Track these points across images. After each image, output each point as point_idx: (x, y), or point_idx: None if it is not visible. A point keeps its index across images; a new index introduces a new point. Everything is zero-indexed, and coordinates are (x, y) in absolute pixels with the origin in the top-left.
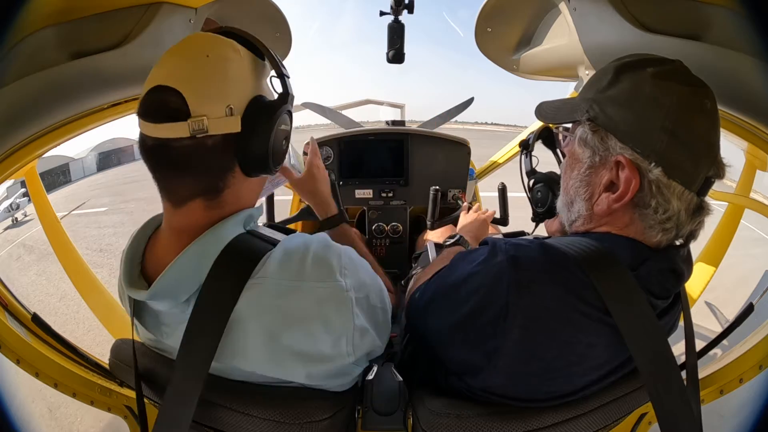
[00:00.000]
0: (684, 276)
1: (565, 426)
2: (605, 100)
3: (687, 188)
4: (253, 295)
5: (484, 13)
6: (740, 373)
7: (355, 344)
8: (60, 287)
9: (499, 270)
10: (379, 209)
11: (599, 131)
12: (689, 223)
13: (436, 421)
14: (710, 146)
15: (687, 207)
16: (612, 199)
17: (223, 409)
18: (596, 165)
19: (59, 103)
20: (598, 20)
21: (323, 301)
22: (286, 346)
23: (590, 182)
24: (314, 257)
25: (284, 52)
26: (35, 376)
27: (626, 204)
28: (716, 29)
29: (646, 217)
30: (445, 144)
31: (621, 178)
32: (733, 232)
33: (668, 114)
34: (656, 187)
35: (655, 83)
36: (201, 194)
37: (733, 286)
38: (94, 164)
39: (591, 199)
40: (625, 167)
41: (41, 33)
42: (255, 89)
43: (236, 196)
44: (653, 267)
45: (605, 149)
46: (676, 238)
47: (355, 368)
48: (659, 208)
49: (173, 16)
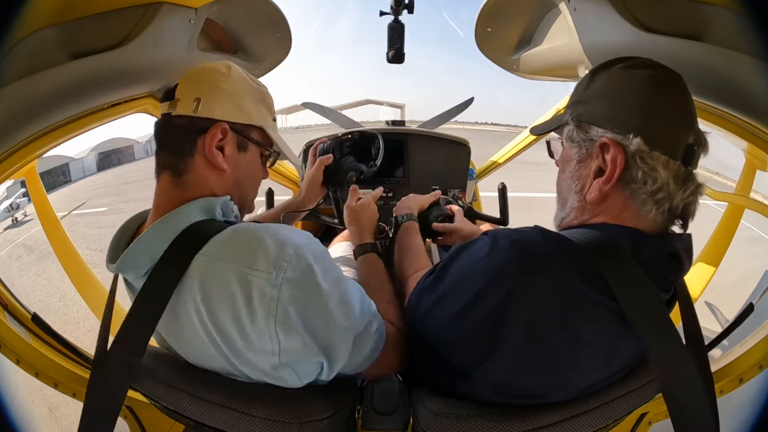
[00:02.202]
0: (683, 263)
1: (565, 425)
2: (584, 99)
3: (671, 157)
4: (195, 272)
5: (484, 13)
6: (740, 373)
7: (283, 347)
8: (60, 287)
9: (503, 255)
10: (379, 209)
11: (582, 125)
12: (680, 192)
13: (435, 421)
14: (686, 116)
15: (675, 175)
16: (602, 182)
17: (222, 409)
18: (584, 157)
19: (59, 103)
20: (598, 20)
21: (250, 287)
22: (213, 327)
23: (581, 175)
24: (257, 242)
25: (284, 52)
26: (35, 376)
27: (615, 184)
28: (716, 29)
29: (636, 193)
30: (445, 144)
31: (608, 160)
32: (733, 232)
33: (641, 93)
34: (640, 158)
35: (625, 73)
36: (168, 168)
37: (733, 286)
38: (94, 164)
39: (582, 190)
40: (610, 147)
41: (41, 33)
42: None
43: (198, 183)
44: (652, 251)
45: (589, 139)
46: (671, 216)
47: (291, 374)
48: (647, 179)
49: (173, 16)
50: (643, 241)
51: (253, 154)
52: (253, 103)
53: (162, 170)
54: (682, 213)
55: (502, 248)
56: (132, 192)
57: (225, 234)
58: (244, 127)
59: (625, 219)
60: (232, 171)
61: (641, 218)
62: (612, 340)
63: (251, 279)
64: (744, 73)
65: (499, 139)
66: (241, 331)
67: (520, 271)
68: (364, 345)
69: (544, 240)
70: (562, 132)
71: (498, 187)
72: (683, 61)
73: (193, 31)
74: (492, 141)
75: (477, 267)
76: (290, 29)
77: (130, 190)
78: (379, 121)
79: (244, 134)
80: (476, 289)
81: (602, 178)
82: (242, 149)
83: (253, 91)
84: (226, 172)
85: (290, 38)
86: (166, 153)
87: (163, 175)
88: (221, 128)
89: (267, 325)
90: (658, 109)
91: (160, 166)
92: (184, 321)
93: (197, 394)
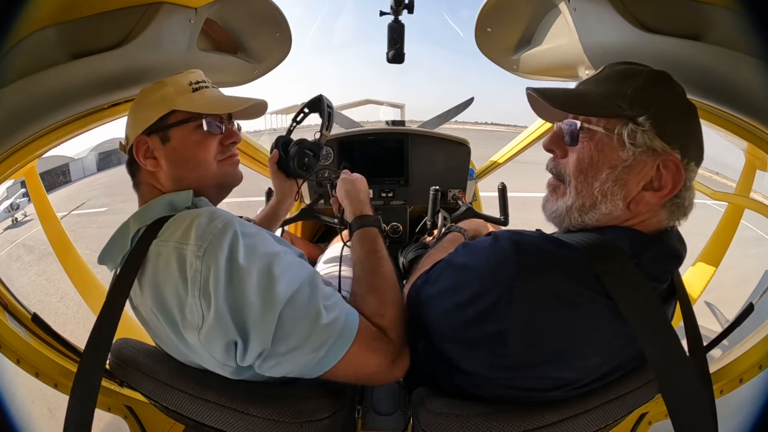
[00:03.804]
0: (683, 257)
1: (565, 424)
2: (651, 103)
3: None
4: (151, 259)
5: (484, 13)
6: (740, 373)
7: (205, 321)
8: (60, 287)
9: (503, 254)
10: (379, 209)
11: (648, 130)
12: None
13: (435, 420)
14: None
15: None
16: (656, 196)
17: (222, 409)
18: (634, 164)
19: (59, 103)
20: (598, 20)
21: (184, 261)
22: (162, 307)
23: (627, 181)
24: (193, 219)
25: (284, 52)
26: (35, 376)
27: (670, 196)
28: (716, 29)
29: (674, 206)
30: (445, 144)
31: (666, 178)
32: (733, 232)
33: (694, 117)
34: (689, 179)
35: (683, 95)
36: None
37: (733, 286)
38: (94, 164)
39: (626, 198)
40: (673, 167)
41: (41, 33)
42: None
43: (148, 189)
44: (655, 254)
45: (652, 149)
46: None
47: (205, 354)
48: (687, 198)
49: (173, 16)
50: (645, 243)
51: (179, 137)
52: (153, 102)
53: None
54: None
55: (502, 248)
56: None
57: (172, 218)
58: (156, 124)
59: (635, 223)
60: (169, 166)
61: (647, 223)
62: (610, 339)
63: (185, 253)
64: (744, 73)
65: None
66: (180, 308)
67: (519, 270)
68: (302, 335)
69: (545, 242)
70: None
71: (498, 187)
72: (683, 61)
73: (193, 31)
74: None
75: (477, 265)
76: (290, 29)
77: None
78: (379, 121)
79: (159, 128)
80: (475, 287)
81: (655, 192)
82: (166, 141)
83: (151, 92)
84: (160, 171)
85: (290, 38)
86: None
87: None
88: (140, 141)
89: (194, 296)
90: (694, 128)
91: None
92: (148, 310)
93: (197, 394)
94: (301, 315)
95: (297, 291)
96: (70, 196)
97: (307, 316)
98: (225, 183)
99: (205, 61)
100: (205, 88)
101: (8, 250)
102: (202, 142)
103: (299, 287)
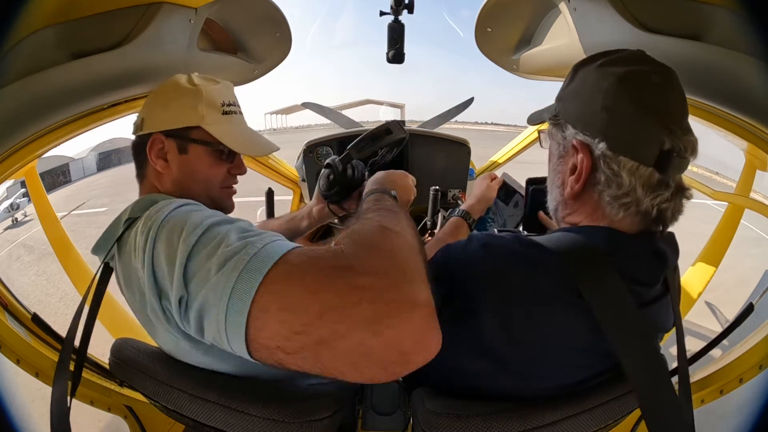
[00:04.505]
0: (667, 257)
1: (565, 424)
2: (564, 96)
3: (641, 163)
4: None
5: (484, 13)
6: (740, 373)
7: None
8: (60, 287)
9: (473, 257)
10: None
11: (560, 124)
12: (648, 198)
13: (435, 421)
14: (659, 118)
15: (645, 182)
16: (573, 180)
17: (222, 409)
18: (562, 155)
19: (59, 103)
20: (598, 20)
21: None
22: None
23: (560, 170)
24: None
25: (284, 52)
26: (35, 376)
27: (585, 184)
28: (716, 29)
29: (602, 195)
30: (445, 144)
31: (579, 160)
32: (733, 232)
33: (606, 94)
34: (604, 162)
35: (598, 71)
36: (137, 176)
37: (733, 286)
38: (94, 164)
39: (562, 186)
40: (578, 150)
41: (41, 33)
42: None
43: (148, 184)
44: (631, 250)
45: (564, 138)
46: (647, 219)
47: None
48: (611, 184)
49: (173, 16)
50: (620, 241)
51: (196, 154)
52: (184, 106)
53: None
54: (658, 217)
55: (473, 249)
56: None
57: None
58: (180, 131)
59: (599, 219)
60: (177, 172)
61: (615, 219)
62: (586, 338)
63: (135, 231)
64: (744, 73)
65: (499, 139)
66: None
67: (487, 271)
68: (210, 262)
69: (517, 244)
70: (545, 129)
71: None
72: (683, 61)
73: (193, 31)
74: (492, 141)
75: (451, 264)
76: (290, 29)
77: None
78: (379, 121)
79: (181, 137)
80: (449, 285)
81: (573, 176)
82: (183, 152)
83: (186, 93)
84: (167, 174)
85: (290, 38)
86: (135, 165)
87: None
88: (157, 139)
89: (141, 270)
90: (622, 112)
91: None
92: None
93: (197, 394)
94: (212, 247)
95: (212, 234)
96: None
97: (218, 246)
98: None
99: (205, 61)
100: (233, 113)
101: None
102: (215, 165)
103: (217, 231)
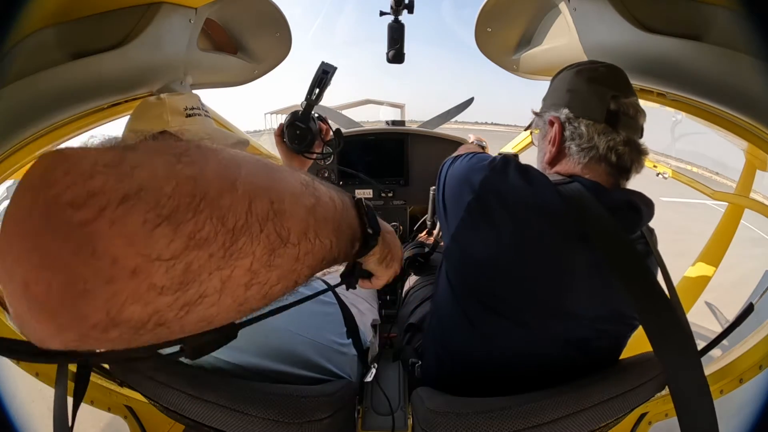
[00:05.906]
0: (641, 209)
1: (565, 422)
2: (545, 96)
3: (595, 121)
4: None
5: (484, 13)
6: (740, 373)
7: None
8: None
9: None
10: (379, 209)
11: (542, 114)
12: (603, 141)
13: (435, 419)
14: (604, 87)
15: (599, 132)
16: (550, 146)
17: (222, 409)
18: (544, 135)
19: (59, 103)
20: (598, 20)
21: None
22: None
23: (543, 147)
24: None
25: (284, 52)
26: (35, 376)
27: (559, 145)
28: (716, 29)
29: (570, 147)
30: (445, 144)
31: (553, 131)
32: (733, 232)
33: (569, 82)
34: (569, 123)
35: (567, 72)
36: None
37: (733, 286)
38: None
39: (544, 155)
40: (552, 122)
41: (41, 33)
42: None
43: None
44: (611, 199)
45: (544, 122)
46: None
47: None
48: (575, 137)
49: (173, 16)
50: (601, 190)
51: None
52: (151, 116)
53: None
54: (618, 163)
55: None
56: None
57: None
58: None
59: (576, 171)
60: None
61: (588, 169)
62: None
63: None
64: (744, 73)
65: (499, 139)
66: None
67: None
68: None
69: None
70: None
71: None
72: (683, 61)
73: (193, 31)
74: (492, 141)
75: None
76: (290, 29)
77: None
78: (379, 121)
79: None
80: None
81: (551, 144)
82: None
83: (153, 107)
84: None
85: (290, 38)
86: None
87: None
88: None
89: None
90: (579, 88)
91: None
92: None
93: (197, 394)
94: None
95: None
96: None
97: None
98: None
99: (205, 61)
100: (197, 115)
101: None
102: None
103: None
